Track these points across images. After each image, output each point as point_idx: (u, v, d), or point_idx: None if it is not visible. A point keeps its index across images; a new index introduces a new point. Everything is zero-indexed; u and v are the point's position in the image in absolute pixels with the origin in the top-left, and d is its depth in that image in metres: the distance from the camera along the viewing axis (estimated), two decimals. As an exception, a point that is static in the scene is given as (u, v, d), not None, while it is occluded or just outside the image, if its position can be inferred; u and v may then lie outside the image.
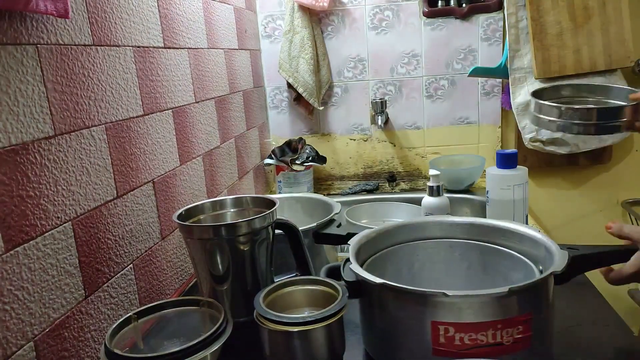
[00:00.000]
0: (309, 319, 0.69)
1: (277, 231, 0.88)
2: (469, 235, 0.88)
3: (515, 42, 1.53)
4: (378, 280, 0.67)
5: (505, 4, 1.54)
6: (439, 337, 0.63)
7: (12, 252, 0.63)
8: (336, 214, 1.05)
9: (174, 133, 1.08)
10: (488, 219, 0.89)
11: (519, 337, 0.63)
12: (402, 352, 0.69)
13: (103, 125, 0.83)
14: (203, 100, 1.24)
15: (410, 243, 0.89)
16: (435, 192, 1.16)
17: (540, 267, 0.76)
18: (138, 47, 0.94)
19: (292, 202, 1.20)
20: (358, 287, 0.73)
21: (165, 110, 1.04)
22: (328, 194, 1.76)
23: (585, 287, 0.92)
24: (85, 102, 0.78)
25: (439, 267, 0.88)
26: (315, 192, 1.72)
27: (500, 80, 1.69)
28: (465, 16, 1.69)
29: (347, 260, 0.77)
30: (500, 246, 0.84)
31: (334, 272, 0.78)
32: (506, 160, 1.10)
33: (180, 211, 0.87)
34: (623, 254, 0.74)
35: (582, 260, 0.73)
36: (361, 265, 0.77)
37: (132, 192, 0.90)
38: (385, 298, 0.70)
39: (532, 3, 1.49)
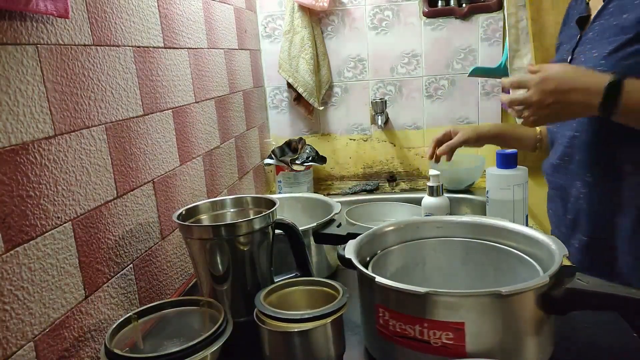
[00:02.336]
0: (309, 316, 0.69)
1: (277, 231, 0.88)
2: (479, 235, 0.86)
3: (515, 42, 1.53)
4: (347, 256, 0.76)
5: (505, 4, 1.54)
6: (379, 319, 0.70)
7: (12, 252, 0.63)
8: (336, 214, 1.05)
9: (174, 133, 1.08)
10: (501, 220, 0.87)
11: (449, 342, 0.63)
12: (364, 326, 0.78)
13: (103, 125, 0.83)
14: (203, 100, 1.24)
15: (415, 241, 0.89)
16: (435, 192, 1.16)
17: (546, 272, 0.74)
18: (138, 47, 0.94)
19: (292, 202, 1.20)
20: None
21: (165, 110, 1.04)
22: (328, 194, 1.76)
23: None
24: (85, 102, 0.78)
25: (452, 265, 0.88)
26: (315, 192, 1.72)
27: (500, 80, 1.69)
28: (465, 16, 1.69)
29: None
30: (510, 247, 0.83)
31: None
32: (506, 160, 1.10)
33: (180, 211, 0.87)
34: None
35: (582, 297, 0.64)
36: (367, 262, 0.81)
37: (132, 192, 0.90)
38: (359, 277, 0.76)
39: (532, 3, 1.49)
